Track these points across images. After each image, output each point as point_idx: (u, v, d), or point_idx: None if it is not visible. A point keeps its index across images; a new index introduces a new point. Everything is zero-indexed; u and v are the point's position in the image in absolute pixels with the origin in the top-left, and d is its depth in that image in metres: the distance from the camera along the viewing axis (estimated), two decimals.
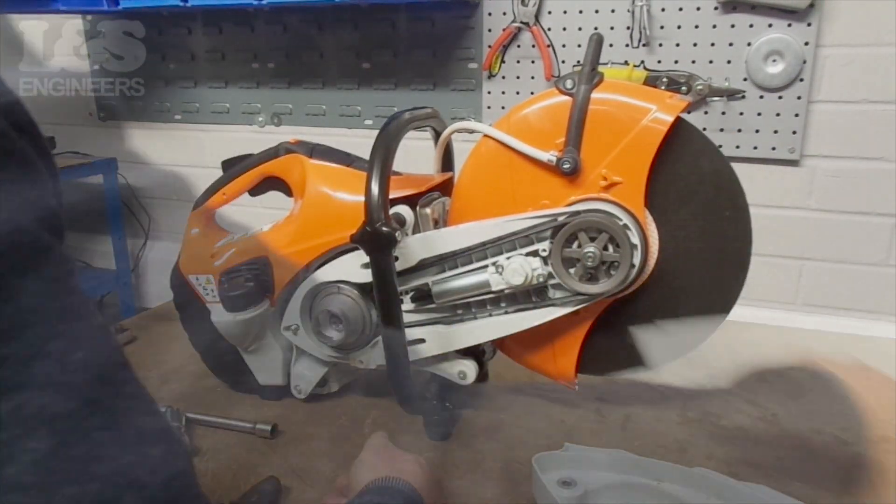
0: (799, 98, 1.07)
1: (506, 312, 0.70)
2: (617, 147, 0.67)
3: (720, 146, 0.72)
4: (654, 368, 0.79)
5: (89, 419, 0.26)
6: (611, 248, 0.66)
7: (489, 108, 1.24)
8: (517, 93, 1.22)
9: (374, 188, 0.64)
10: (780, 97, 1.08)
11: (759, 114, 1.09)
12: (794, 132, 1.08)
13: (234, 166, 0.82)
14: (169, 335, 1.00)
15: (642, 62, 1.12)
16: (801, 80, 1.06)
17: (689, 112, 1.08)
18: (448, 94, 1.27)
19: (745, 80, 1.09)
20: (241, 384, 0.84)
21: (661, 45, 1.11)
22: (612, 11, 1.12)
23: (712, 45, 1.09)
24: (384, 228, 0.64)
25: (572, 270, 0.67)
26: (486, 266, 0.69)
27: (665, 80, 1.09)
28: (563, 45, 1.16)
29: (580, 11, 1.14)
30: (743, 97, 1.09)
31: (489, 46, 1.20)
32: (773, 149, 1.10)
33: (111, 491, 0.25)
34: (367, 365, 0.76)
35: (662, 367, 0.80)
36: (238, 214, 0.93)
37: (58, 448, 0.24)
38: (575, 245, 0.67)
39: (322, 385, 0.81)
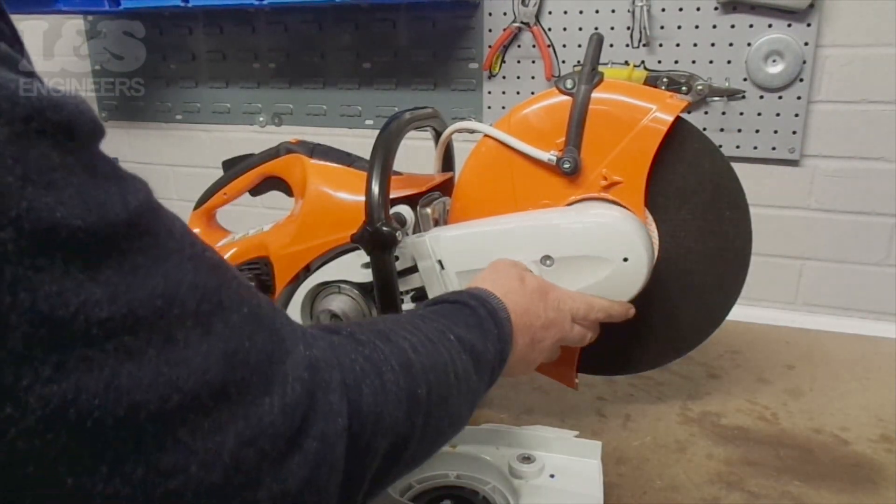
0: (799, 98, 1.07)
1: None
2: (617, 147, 0.67)
3: (720, 146, 0.72)
4: (654, 368, 0.80)
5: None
6: None
7: (489, 108, 1.24)
8: (517, 93, 1.22)
9: (375, 188, 0.64)
10: (780, 97, 1.08)
11: (759, 114, 1.09)
12: (794, 132, 1.08)
13: (234, 166, 0.82)
14: None
15: (642, 62, 1.12)
16: (801, 80, 1.06)
17: (689, 112, 1.08)
18: (448, 94, 1.27)
19: (745, 80, 1.09)
20: None
21: (661, 45, 1.11)
22: (613, 11, 1.12)
23: (712, 45, 1.09)
24: (385, 228, 0.64)
25: None
26: None
27: (665, 80, 1.09)
28: (564, 45, 1.16)
29: (580, 11, 1.14)
30: (743, 97, 1.09)
31: (489, 46, 1.20)
32: (773, 149, 1.10)
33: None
34: None
35: (662, 367, 0.80)
36: (239, 214, 0.93)
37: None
38: None
39: None
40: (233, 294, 0.30)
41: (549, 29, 1.16)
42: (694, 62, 1.10)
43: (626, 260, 0.64)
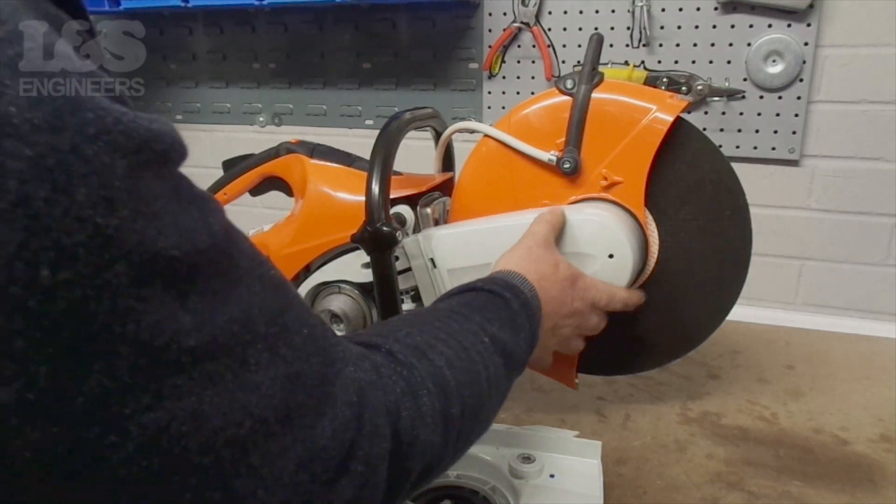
0: (799, 98, 1.07)
1: None
2: (617, 147, 0.67)
3: (720, 146, 0.72)
4: (654, 368, 0.80)
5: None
6: None
7: (489, 108, 1.24)
8: (517, 93, 1.22)
9: (375, 188, 0.64)
10: (779, 97, 1.08)
11: (758, 114, 1.09)
12: (794, 132, 1.08)
13: (234, 166, 0.82)
14: None
15: (642, 62, 1.12)
16: (801, 80, 1.06)
17: (689, 112, 1.08)
18: (448, 94, 1.27)
19: (745, 80, 1.09)
20: None
21: (661, 45, 1.11)
22: (613, 11, 1.12)
23: (712, 45, 1.09)
24: (385, 228, 0.64)
25: None
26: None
27: (665, 80, 1.09)
28: (564, 46, 1.16)
29: (580, 11, 1.14)
30: (743, 97, 1.09)
31: (489, 46, 1.20)
32: (773, 149, 1.10)
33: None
34: None
35: (663, 367, 0.80)
36: (239, 214, 0.92)
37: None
38: None
39: None
40: (295, 315, 0.31)
41: (549, 29, 1.16)
42: (694, 62, 1.10)
43: (611, 256, 0.65)
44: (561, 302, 0.58)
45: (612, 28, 1.13)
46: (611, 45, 1.13)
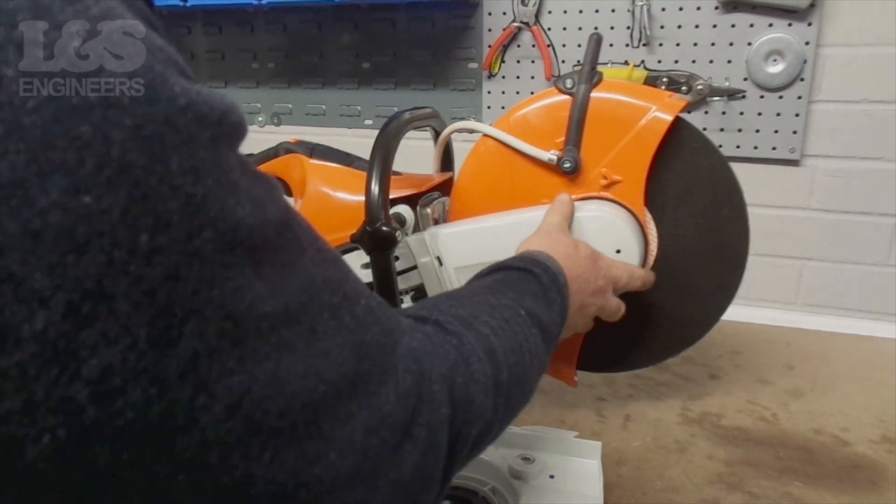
0: (799, 98, 1.07)
1: None
2: (617, 146, 0.67)
3: (720, 146, 0.72)
4: (652, 365, 0.80)
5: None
6: None
7: (489, 108, 1.24)
8: (517, 93, 1.21)
9: (375, 188, 0.64)
10: (780, 97, 1.08)
11: (759, 114, 1.09)
12: (795, 132, 1.08)
13: None
14: None
15: (642, 62, 1.12)
16: (802, 79, 1.06)
17: (689, 112, 1.08)
18: (448, 94, 1.27)
19: (745, 79, 1.08)
20: None
21: (661, 44, 1.11)
22: (612, 11, 1.12)
23: (712, 44, 1.09)
24: (384, 228, 0.64)
25: None
26: None
27: (665, 79, 1.09)
28: (564, 45, 1.16)
29: (580, 11, 1.14)
30: (743, 97, 1.09)
31: (489, 46, 1.20)
32: (774, 149, 1.10)
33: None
34: None
35: (661, 365, 0.80)
36: None
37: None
38: None
39: None
40: (352, 286, 0.32)
41: (549, 29, 1.16)
42: (694, 62, 1.10)
43: (618, 252, 0.66)
44: (586, 280, 0.59)
45: (612, 28, 1.13)
46: (611, 45, 1.13)
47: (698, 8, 1.08)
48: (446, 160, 0.83)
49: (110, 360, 0.22)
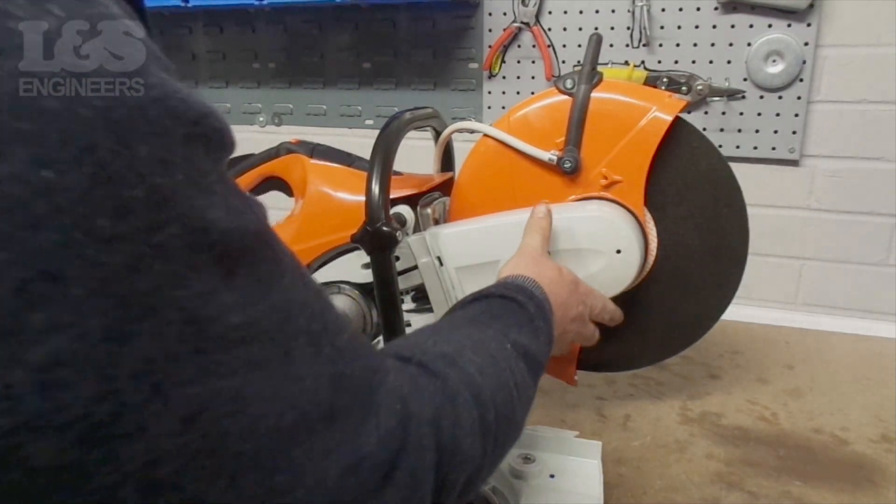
0: (799, 98, 1.07)
1: None
2: (617, 146, 0.68)
3: (720, 146, 0.72)
4: (651, 365, 0.80)
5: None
6: None
7: (489, 108, 1.24)
8: (517, 93, 1.22)
9: (375, 188, 0.64)
10: (779, 97, 1.08)
11: (759, 114, 1.09)
12: (794, 132, 1.08)
13: (234, 166, 0.82)
14: None
15: (642, 62, 1.12)
16: (801, 80, 1.06)
17: (689, 112, 1.08)
18: (448, 94, 1.27)
19: (745, 80, 1.09)
20: None
21: (661, 45, 1.11)
22: (613, 11, 1.12)
23: (712, 45, 1.09)
24: (385, 228, 0.64)
25: None
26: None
27: (665, 80, 1.09)
28: (564, 45, 1.16)
29: (580, 11, 1.14)
30: (743, 97, 1.09)
31: (489, 46, 1.20)
32: (773, 149, 1.10)
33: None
34: None
35: (661, 365, 0.81)
36: None
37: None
38: None
39: None
40: (335, 319, 0.31)
41: (549, 29, 1.16)
42: (694, 62, 1.10)
43: (619, 252, 0.66)
44: (568, 306, 0.59)
45: (612, 28, 1.13)
46: (611, 45, 1.13)
47: (698, 8, 1.08)
48: (447, 160, 0.83)
49: (59, 347, 0.20)
